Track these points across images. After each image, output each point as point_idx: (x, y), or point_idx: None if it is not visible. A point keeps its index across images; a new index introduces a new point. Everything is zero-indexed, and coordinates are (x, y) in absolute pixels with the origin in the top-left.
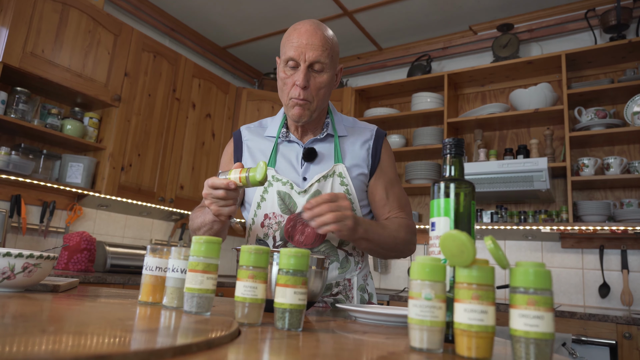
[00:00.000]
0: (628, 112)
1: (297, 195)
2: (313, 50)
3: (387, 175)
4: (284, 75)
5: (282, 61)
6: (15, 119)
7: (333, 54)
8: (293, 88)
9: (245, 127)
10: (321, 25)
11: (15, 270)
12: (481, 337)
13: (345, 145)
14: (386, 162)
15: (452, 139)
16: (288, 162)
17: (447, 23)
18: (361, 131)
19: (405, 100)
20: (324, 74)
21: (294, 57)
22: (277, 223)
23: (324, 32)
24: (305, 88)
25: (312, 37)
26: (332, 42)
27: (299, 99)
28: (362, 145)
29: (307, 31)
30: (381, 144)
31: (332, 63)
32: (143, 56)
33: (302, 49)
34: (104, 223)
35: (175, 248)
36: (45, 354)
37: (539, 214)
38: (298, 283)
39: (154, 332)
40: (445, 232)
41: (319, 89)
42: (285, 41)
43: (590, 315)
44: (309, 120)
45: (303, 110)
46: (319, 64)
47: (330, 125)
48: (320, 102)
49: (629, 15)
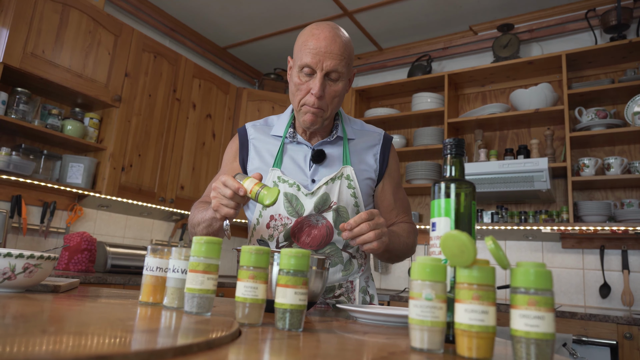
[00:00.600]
0: (628, 112)
1: (304, 197)
2: (331, 59)
3: (395, 180)
4: (299, 81)
5: (296, 65)
6: (16, 120)
7: (350, 61)
8: (308, 95)
9: (251, 124)
10: (339, 31)
11: (15, 271)
12: (482, 337)
13: (354, 148)
14: (393, 167)
15: (453, 139)
16: (295, 164)
17: (447, 23)
18: (369, 135)
19: (406, 100)
20: (340, 83)
21: (310, 64)
22: (282, 225)
23: (342, 38)
24: (321, 97)
25: (331, 45)
26: (350, 49)
27: (313, 107)
28: (369, 149)
29: (326, 38)
30: (389, 149)
31: (348, 71)
32: (143, 56)
33: (320, 57)
34: (104, 223)
35: (175, 248)
36: (46, 354)
37: (539, 214)
38: (298, 283)
39: (154, 332)
40: (446, 233)
41: (334, 98)
42: (301, 45)
43: (591, 315)
44: (320, 127)
45: (315, 118)
46: (335, 73)
47: (340, 127)
48: (333, 110)
49: (629, 15)
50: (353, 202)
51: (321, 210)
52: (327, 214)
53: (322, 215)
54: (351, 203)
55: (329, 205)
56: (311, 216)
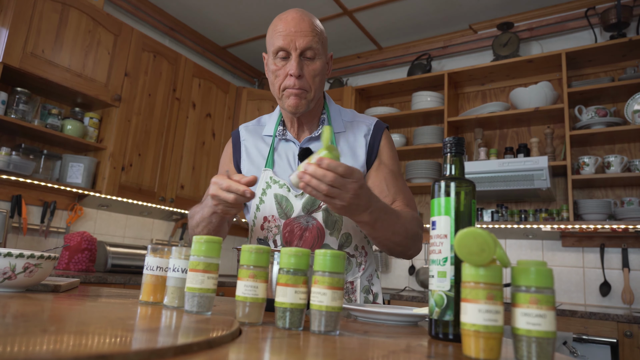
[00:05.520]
0: (628, 110)
1: (294, 198)
2: (303, 37)
3: (387, 167)
4: (275, 67)
5: (270, 53)
6: (16, 119)
7: (322, 39)
8: (287, 78)
9: (244, 126)
10: (306, 12)
11: (16, 270)
12: (495, 338)
13: (343, 142)
14: (386, 155)
15: (453, 138)
16: (286, 163)
17: (447, 22)
18: (359, 126)
19: (406, 99)
20: (317, 61)
21: (283, 46)
22: (276, 227)
23: (311, 18)
24: (300, 77)
25: (300, 24)
26: (320, 27)
27: (295, 88)
28: (359, 141)
29: (294, 19)
30: (380, 137)
31: (323, 49)
32: (143, 56)
33: (291, 37)
34: (104, 223)
35: (175, 248)
36: (47, 353)
37: (539, 212)
38: (299, 282)
39: (155, 331)
40: (464, 230)
41: (314, 77)
42: (271, 32)
43: (591, 313)
44: (306, 110)
45: (300, 100)
46: (310, 51)
47: (326, 121)
48: (316, 90)
49: (629, 13)
50: None
51: (310, 211)
52: (316, 214)
53: (312, 217)
54: None
55: (318, 205)
56: (300, 217)
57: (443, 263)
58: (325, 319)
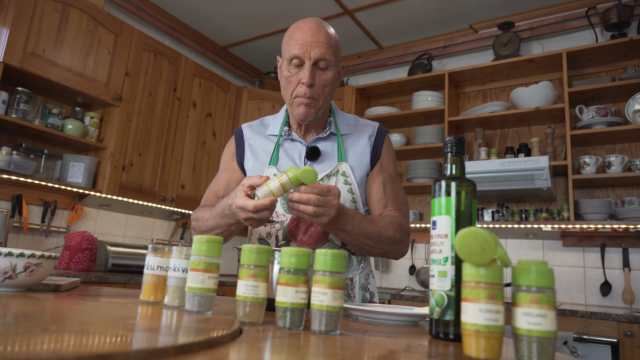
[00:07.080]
0: (629, 110)
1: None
2: (318, 47)
3: (387, 171)
4: (289, 73)
5: (285, 60)
6: (16, 119)
7: (336, 51)
8: (299, 86)
9: (247, 125)
10: (324, 23)
11: (17, 270)
12: (496, 337)
13: (348, 143)
14: (386, 159)
15: (453, 138)
16: (291, 161)
17: (447, 21)
18: (364, 129)
19: (406, 99)
20: (329, 72)
21: (298, 55)
22: (280, 222)
23: (327, 29)
24: (312, 86)
25: (317, 35)
26: (335, 39)
27: (305, 97)
28: (364, 144)
29: (312, 29)
30: (382, 141)
31: (336, 61)
32: (144, 56)
33: (307, 46)
34: (105, 223)
35: (176, 247)
36: (47, 353)
37: (540, 212)
38: (299, 282)
39: (155, 331)
40: (465, 229)
41: (324, 87)
42: (288, 39)
43: (592, 313)
44: (314, 119)
45: (309, 109)
46: (324, 62)
47: (333, 123)
48: (325, 100)
49: (630, 13)
50: (350, 198)
51: None
52: None
53: None
54: (348, 199)
55: None
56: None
57: (444, 263)
58: (325, 318)
